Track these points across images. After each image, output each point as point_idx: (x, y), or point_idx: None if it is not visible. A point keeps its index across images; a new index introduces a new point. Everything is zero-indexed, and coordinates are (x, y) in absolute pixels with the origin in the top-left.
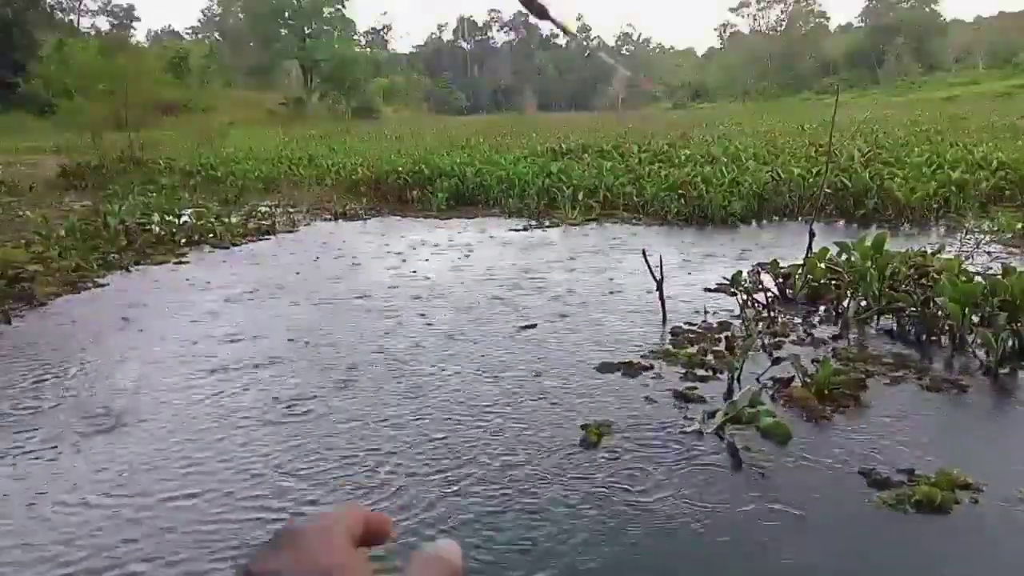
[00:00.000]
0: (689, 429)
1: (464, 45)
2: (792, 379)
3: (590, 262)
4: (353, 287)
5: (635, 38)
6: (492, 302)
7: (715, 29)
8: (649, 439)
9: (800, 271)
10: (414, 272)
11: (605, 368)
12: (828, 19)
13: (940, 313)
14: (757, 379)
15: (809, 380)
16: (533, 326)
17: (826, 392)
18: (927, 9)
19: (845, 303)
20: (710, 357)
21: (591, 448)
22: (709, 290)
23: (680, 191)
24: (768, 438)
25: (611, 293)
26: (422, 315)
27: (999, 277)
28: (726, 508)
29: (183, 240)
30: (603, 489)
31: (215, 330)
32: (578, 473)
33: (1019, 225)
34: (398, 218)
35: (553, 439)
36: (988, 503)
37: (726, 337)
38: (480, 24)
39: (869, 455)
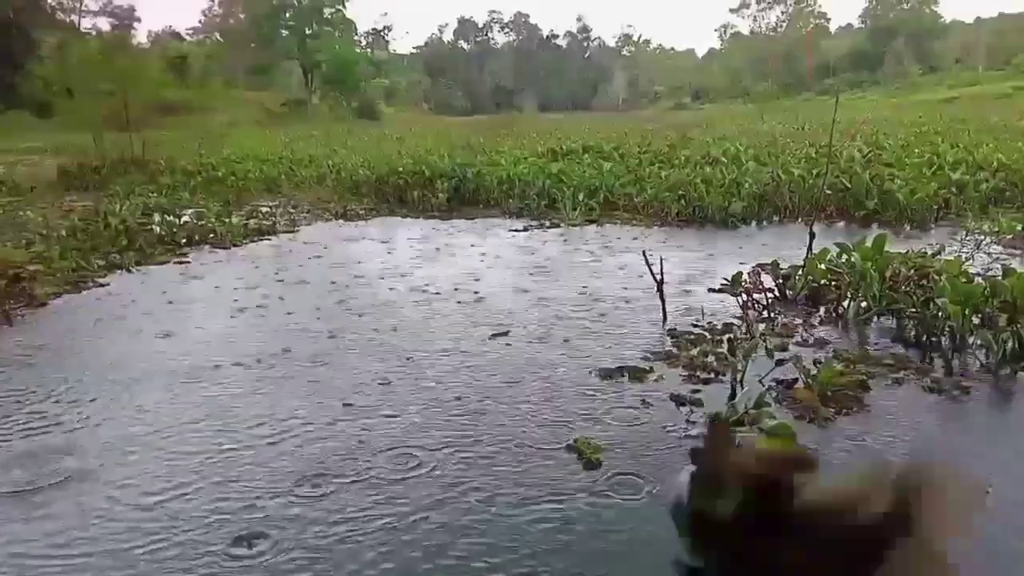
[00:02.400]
0: (694, 433)
1: (464, 46)
2: (795, 380)
3: (589, 263)
4: (344, 288)
5: (635, 39)
6: (489, 304)
7: (715, 30)
8: (652, 442)
9: (800, 272)
10: (409, 274)
11: (605, 373)
12: (828, 20)
13: (940, 314)
14: (760, 381)
15: (812, 382)
16: (505, 334)
17: (829, 394)
18: (927, 10)
19: (845, 304)
20: (711, 359)
21: (592, 463)
22: (711, 291)
23: (680, 192)
24: (772, 440)
25: (611, 294)
26: (427, 317)
27: (999, 278)
28: None
29: (184, 240)
30: (607, 493)
31: (218, 334)
32: (580, 477)
33: (1019, 226)
34: (399, 219)
35: (554, 442)
36: (995, 505)
37: (728, 339)
38: (480, 25)
39: (874, 456)
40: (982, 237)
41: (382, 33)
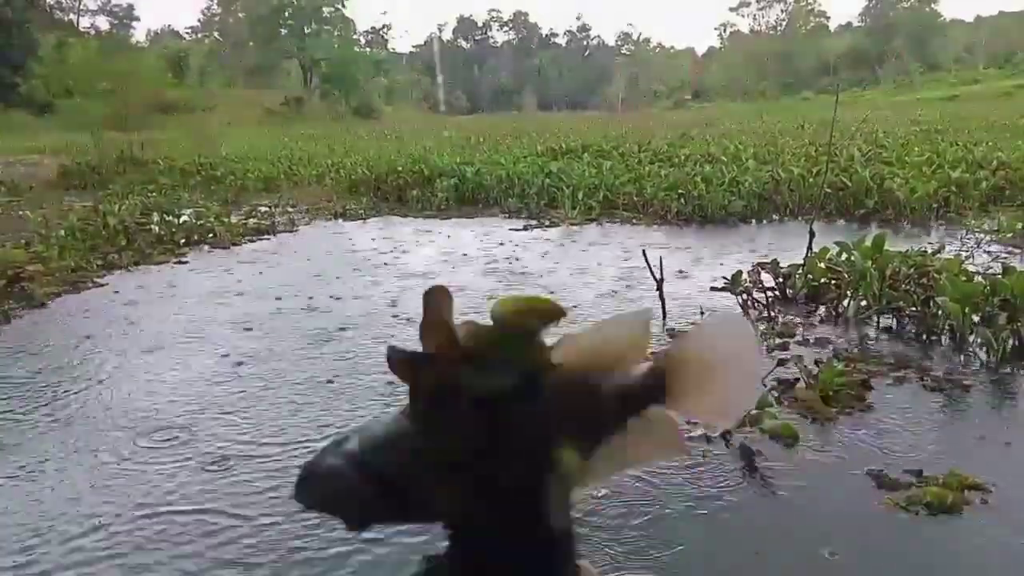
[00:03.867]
0: (695, 433)
1: (464, 45)
2: (797, 380)
3: (589, 262)
4: (342, 287)
5: (635, 38)
6: (484, 304)
7: (715, 29)
8: None
9: (800, 270)
10: (407, 275)
11: None
12: (828, 19)
13: (940, 313)
14: (761, 381)
15: (813, 381)
16: None
17: (831, 393)
18: (927, 9)
19: (845, 303)
20: None
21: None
22: (712, 289)
23: (680, 190)
24: (775, 440)
25: (610, 293)
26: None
27: (999, 277)
28: (735, 512)
29: (183, 240)
30: (612, 493)
31: (218, 334)
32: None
33: (1019, 225)
34: (398, 218)
35: None
36: (998, 504)
37: None
38: (480, 24)
39: (877, 456)
40: (982, 236)
41: (381, 32)
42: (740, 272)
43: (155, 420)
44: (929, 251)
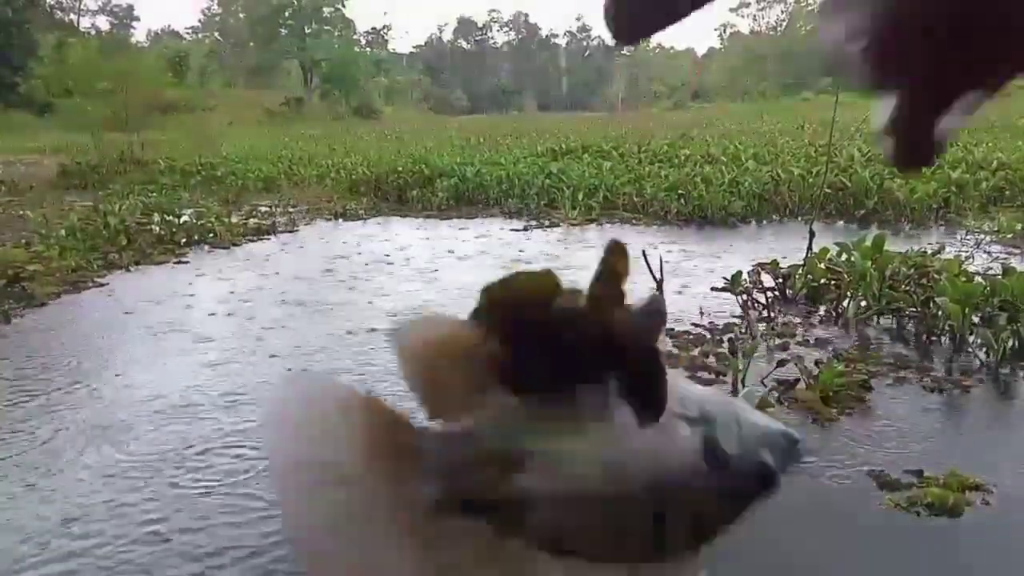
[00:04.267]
0: None
1: (464, 45)
2: (797, 381)
3: (588, 263)
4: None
5: None
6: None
7: (715, 29)
8: None
9: (800, 271)
10: (406, 277)
11: None
12: None
13: (940, 313)
14: (762, 381)
15: (813, 382)
16: None
17: (831, 394)
18: None
19: (845, 303)
20: (712, 359)
21: None
22: (711, 290)
23: (680, 191)
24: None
25: None
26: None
27: (999, 277)
28: None
29: (183, 240)
30: None
31: (215, 334)
32: None
33: (1019, 225)
34: (398, 218)
35: None
36: (999, 504)
37: (729, 339)
38: (480, 24)
39: (877, 456)
40: (982, 236)
41: (381, 32)
42: (740, 272)
43: (154, 419)
44: (929, 252)
